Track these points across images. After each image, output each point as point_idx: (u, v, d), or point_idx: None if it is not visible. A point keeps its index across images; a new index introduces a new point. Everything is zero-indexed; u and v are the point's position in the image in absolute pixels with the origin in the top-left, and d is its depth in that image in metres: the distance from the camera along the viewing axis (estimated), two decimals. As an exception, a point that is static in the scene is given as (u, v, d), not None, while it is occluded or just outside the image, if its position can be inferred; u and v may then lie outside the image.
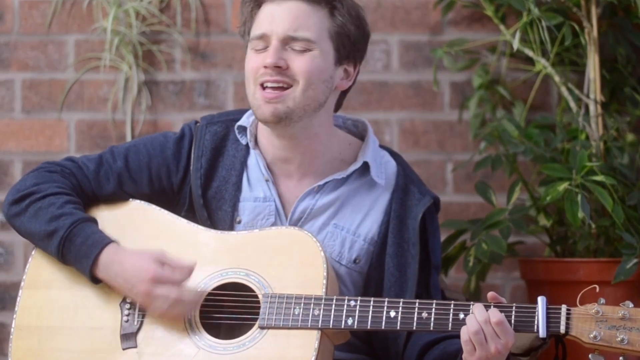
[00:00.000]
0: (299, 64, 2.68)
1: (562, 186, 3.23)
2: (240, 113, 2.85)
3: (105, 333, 2.61)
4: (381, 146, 2.88)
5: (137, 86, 3.77)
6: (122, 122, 3.78)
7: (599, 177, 3.23)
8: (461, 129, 3.79)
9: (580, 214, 3.18)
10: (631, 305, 2.44)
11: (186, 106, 3.79)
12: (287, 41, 2.69)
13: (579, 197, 3.20)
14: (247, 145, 2.80)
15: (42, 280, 2.69)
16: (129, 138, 3.75)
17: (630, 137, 3.58)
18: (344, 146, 2.81)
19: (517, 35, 3.38)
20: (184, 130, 2.83)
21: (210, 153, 2.78)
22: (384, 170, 2.82)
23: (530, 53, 3.54)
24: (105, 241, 2.63)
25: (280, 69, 2.67)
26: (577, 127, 3.48)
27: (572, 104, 3.52)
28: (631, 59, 3.65)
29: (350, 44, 2.75)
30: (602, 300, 2.46)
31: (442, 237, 3.47)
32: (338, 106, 2.83)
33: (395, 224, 2.76)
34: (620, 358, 2.44)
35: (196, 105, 3.78)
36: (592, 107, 3.49)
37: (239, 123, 2.82)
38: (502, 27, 3.63)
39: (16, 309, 2.68)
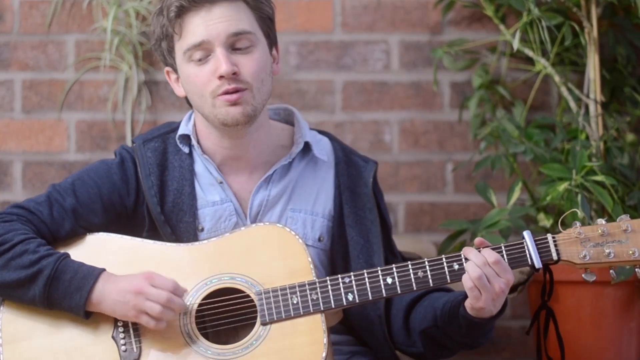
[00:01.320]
0: (247, 66, 2.69)
1: (562, 186, 3.24)
2: (169, 126, 2.86)
3: None
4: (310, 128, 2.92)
5: (137, 86, 3.77)
6: (122, 122, 3.78)
7: (599, 177, 3.23)
8: (461, 129, 3.79)
9: (580, 214, 3.18)
10: (604, 221, 2.59)
11: (186, 106, 3.76)
12: (231, 42, 2.69)
13: (579, 197, 3.20)
14: (189, 154, 2.80)
15: (21, 333, 2.60)
16: (129, 138, 3.75)
17: (630, 137, 3.58)
18: (279, 132, 2.85)
19: (517, 35, 3.38)
20: (122, 154, 2.81)
21: (157, 169, 2.77)
22: (322, 147, 2.86)
23: (530, 53, 3.54)
24: (98, 270, 2.59)
25: (235, 75, 2.67)
26: (577, 127, 3.48)
27: (572, 104, 3.52)
28: (631, 59, 3.65)
29: (272, 26, 2.79)
30: (578, 224, 2.60)
31: (442, 237, 3.49)
32: None
33: (347, 194, 2.81)
34: (611, 271, 2.59)
35: (196, 105, 3.78)
36: (592, 107, 3.49)
37: (180, 132, 2.81)
38: (502, 27, 3.63)
39: None
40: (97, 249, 2.69)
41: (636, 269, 2.58)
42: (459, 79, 3.79)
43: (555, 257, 2.58)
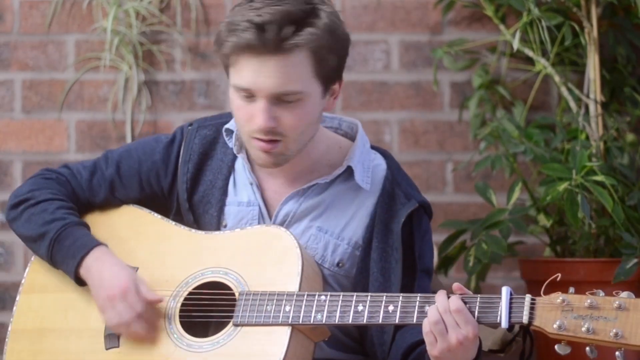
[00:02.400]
0: (289, 120, 2.58)
1: (562, 186, 3.23)
2: (231, 115, 2.77)
3: (91, 334, 2.64)
4: (375, 147, 2.81)
5: (137, 86, 3.78)
6: (122, 122, 3.79)
7: (599, 177, 3.23)
8: (461, 129, 3.79)
9: (580, 214, 3.18)
10: (602, 294, 2.34)
11: (186, 106, 3.79)
12: (276, 96, 2.56)
13: (579, 197, 3.20)
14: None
15: (38, 284, 2.74)
16: (129, 138, 3.75)
17: (630, 137, 3.58)
18: (333, 150, 2.75)
19: (517, 35, 3.38)
20: (176, 134, 2.81)
21: (197, 157, 2.77)
22: (371, 174, 2.75)
23: (530, 53, 3.54)
24: (94, 243, 2.65)
25: (273, 128, 2.57)
26: (577, 127, 3.48)
27: (572, 104, 3.52)
28: (631, 59, 3.65)
29: (335, 69, 2.63)
30: (572, 290, 2.38)
31: (442, 237, 3.48)
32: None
33: (379, 228, 2.71)
34: (587, 348, 2.33)
35: (196, 105, 3.78)
36: (592, 107, 3.49)
37: (226, 126, 2.75)
38: (502, 27, 3.63)
39: (13, 313, 2.73)
40: (121, 219, 2.78)
41: (617, 353, 2.29)
42: (459, 79, 3.79)
43: (525, 320, 2.35)
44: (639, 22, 3.56)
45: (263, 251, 2.62)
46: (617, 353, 2.29)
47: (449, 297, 2.43)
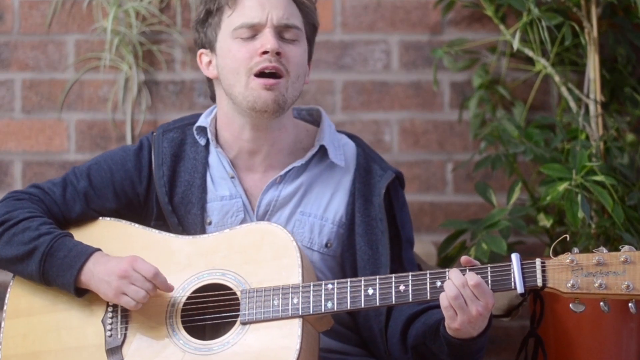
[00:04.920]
0: (292, 53, 2.73)
1: (562, 186, 3.24)
2: (194, 117, 2.89)
3: (90, 350, 2.63)
4: (339, 131, 2.92)
5: (137, 86, 3.78)
6: (122, 122, 3.79)
7: (599, 177, 3.23)
8: (461, 129, 3.79)
9: (580, 214, 3.18)
10: (605, 250, 2.45)
11: (186, 106, 3.79)
12: (279, 30, 2.73)
13: (579, 197, 3.20)
14: (206, 146, 2.83)
15: (23, 308, 2.71)
16: (129, 138, 3.75)
17: (630, 137, 3.58)
18: (302, 134, 2.85)
19: (517, 35, 3.38)
20: (142, 142, 2.87)
21: (170, 160, 2.81)
22: (343, 152, 2.85)
23: (530, 53, 3.54)
24: (91, 250, 2.66)
25: (279, 55, 2.70)
26: (577, 127, 3.48)
27: (572, 104, 3.52)
28: (631, 59, 3.65)
29: (313, 37, 2.84)
30: (576, 250, 2.48)
31: (442, 237, 3.48)
32: None
33: (360, 202, 2.79)
34: (601, 303, 2.44)
35: (196, 105, 3.78)
36: (592, 107, 3.49)
37: (197, 124, 2.85)
38: (502, 27, 3.63)
39: (0, 340, 2.70)
40: (103, 233, 2.76)
41: (629, 304, 2.43)
42: (459, 79, 3.80)
43: (540, 283, 2.46)
44: (639, 22, 3.56)
45: (258, 249, 2.63)
46: (630, 304, 2.41)
47: (462, 272, 2.49)
